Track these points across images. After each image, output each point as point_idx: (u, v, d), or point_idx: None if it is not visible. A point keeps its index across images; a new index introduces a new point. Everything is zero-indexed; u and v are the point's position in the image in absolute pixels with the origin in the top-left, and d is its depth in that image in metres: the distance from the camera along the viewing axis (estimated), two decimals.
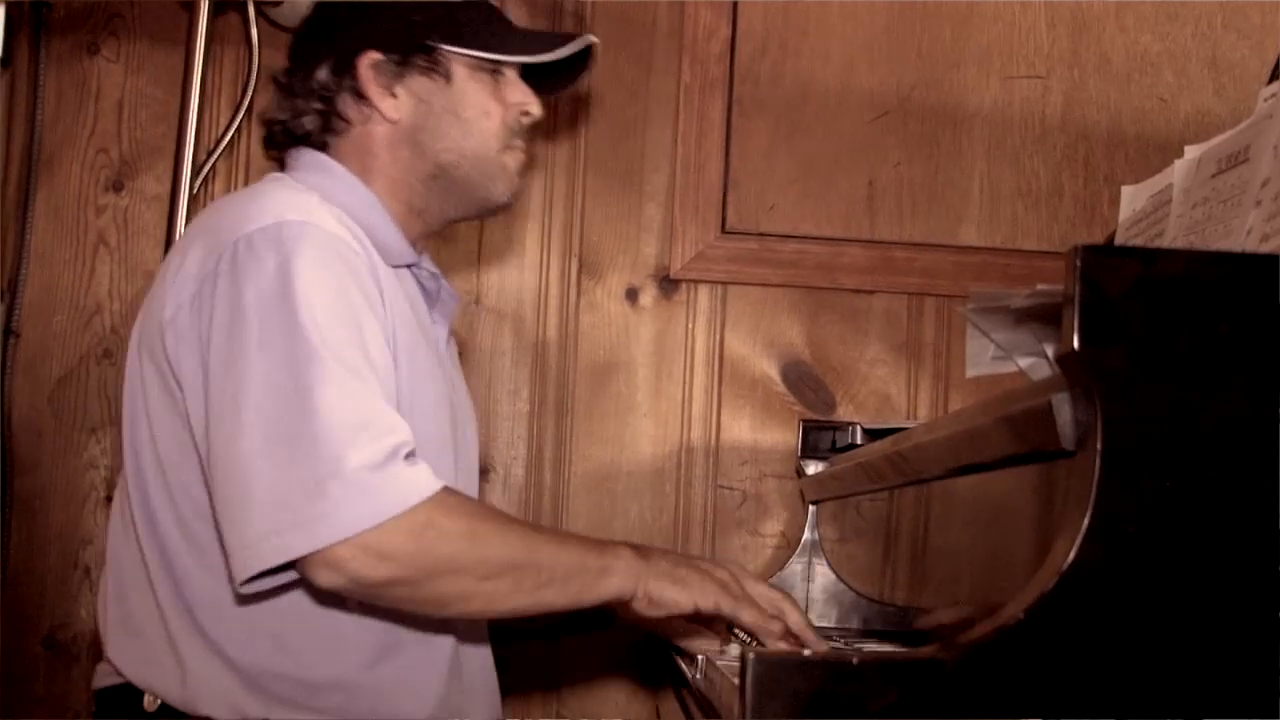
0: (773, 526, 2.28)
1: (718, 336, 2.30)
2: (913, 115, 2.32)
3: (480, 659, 1.65)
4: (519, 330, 2.28)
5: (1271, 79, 1.48)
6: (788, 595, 1.52)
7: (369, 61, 1.58)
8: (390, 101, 1.58)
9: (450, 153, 1.60)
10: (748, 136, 2.31)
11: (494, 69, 1.62)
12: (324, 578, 1.33)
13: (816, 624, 1.99)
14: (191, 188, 2.12)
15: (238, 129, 2.20)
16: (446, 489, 1.38)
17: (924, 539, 1.72)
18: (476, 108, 1.60)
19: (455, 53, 1.59)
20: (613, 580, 1.43)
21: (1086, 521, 1.00)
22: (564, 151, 2.30)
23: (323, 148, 1.61)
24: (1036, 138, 2.33)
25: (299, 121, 1.61)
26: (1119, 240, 1.60)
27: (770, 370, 2.30)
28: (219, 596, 1.45)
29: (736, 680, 1.04)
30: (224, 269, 1.41)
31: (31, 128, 2.21)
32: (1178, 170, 1.49)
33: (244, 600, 1.43)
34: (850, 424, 2.05)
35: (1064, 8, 2.34)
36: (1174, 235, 1.45)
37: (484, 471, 2.24)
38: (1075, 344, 1.01)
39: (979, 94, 2.33)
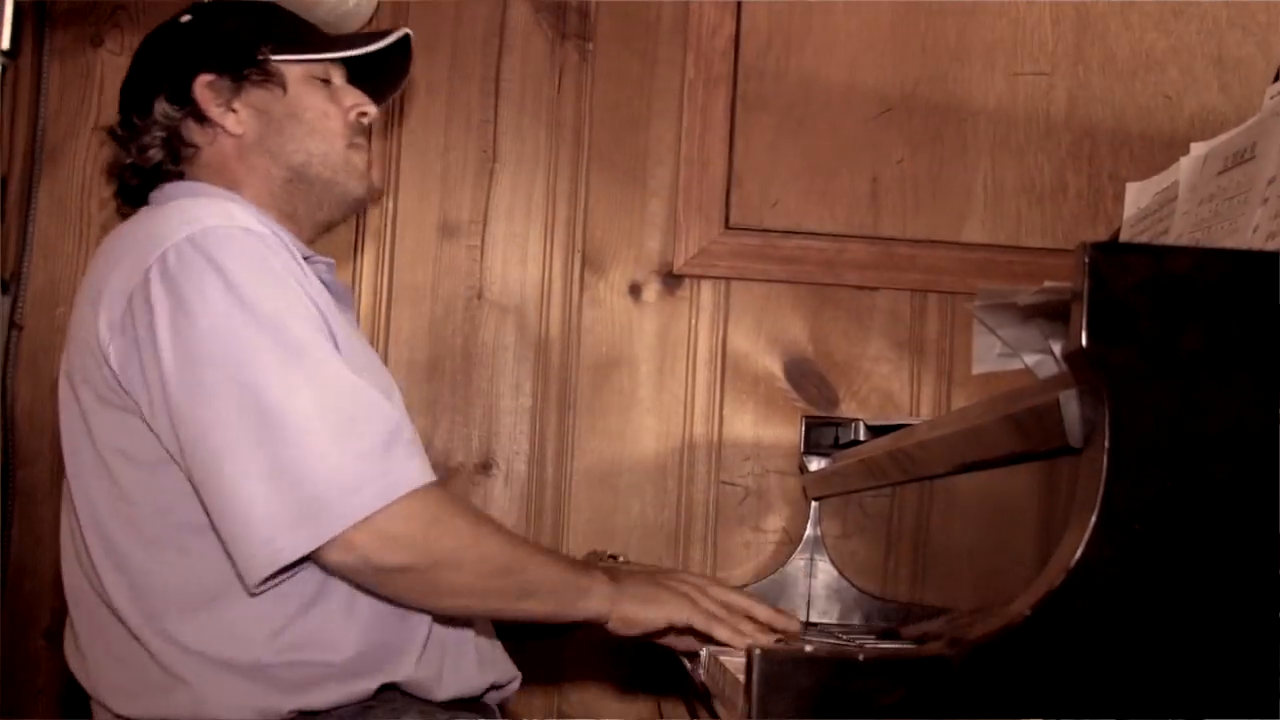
0: (775, 522, 2.27)
1: (721, 332, 2.30)
2: (917, 111, 2.32)
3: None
4: (522, 325, 2.28)
5: (1277, 77, 1.48)
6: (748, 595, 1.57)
7: (203, 83, 1.60)
8: (232, 117, 1.61)
9: (299, 153, 1.62)
10: (751, 132, 2.30)
11: (324, 78, 1.66)
12: (336, 559, 1.36)
13: (818, 620, 2.00)
14: None
15: None
16: (440, 483, 1.43)
17: (927, 536, 1.71)
18: (315, 110, 1.63)
19: (285, 60, 1.63)
20: (591, 602, 1.48)
21: (1094, 519, 1.00)
22: (567, 146, 2.30)
23: (179, 177, 1.62)
24: (1041, 134, 2.33)
25: (146, 156, 1.61)
26: (1124, 237, 1.59)
27: (773, 366, 2.30)
28: (198, 602, 1.44)
29: (741, 677, 1.03)
30: (154, 278, 1.41)
31: (35, 120, 2.21)
32: (1184, 167, 1.49)
33: (229, 599, 1.42)
34: (853, 420, 2.05)
35: (1069, 5, 2.34)
36: (1180, 232, 1.45)
37: (486, 467, 2.25)
38: (1083, 341, 1.01)
39: (983, 90, 2.33)
